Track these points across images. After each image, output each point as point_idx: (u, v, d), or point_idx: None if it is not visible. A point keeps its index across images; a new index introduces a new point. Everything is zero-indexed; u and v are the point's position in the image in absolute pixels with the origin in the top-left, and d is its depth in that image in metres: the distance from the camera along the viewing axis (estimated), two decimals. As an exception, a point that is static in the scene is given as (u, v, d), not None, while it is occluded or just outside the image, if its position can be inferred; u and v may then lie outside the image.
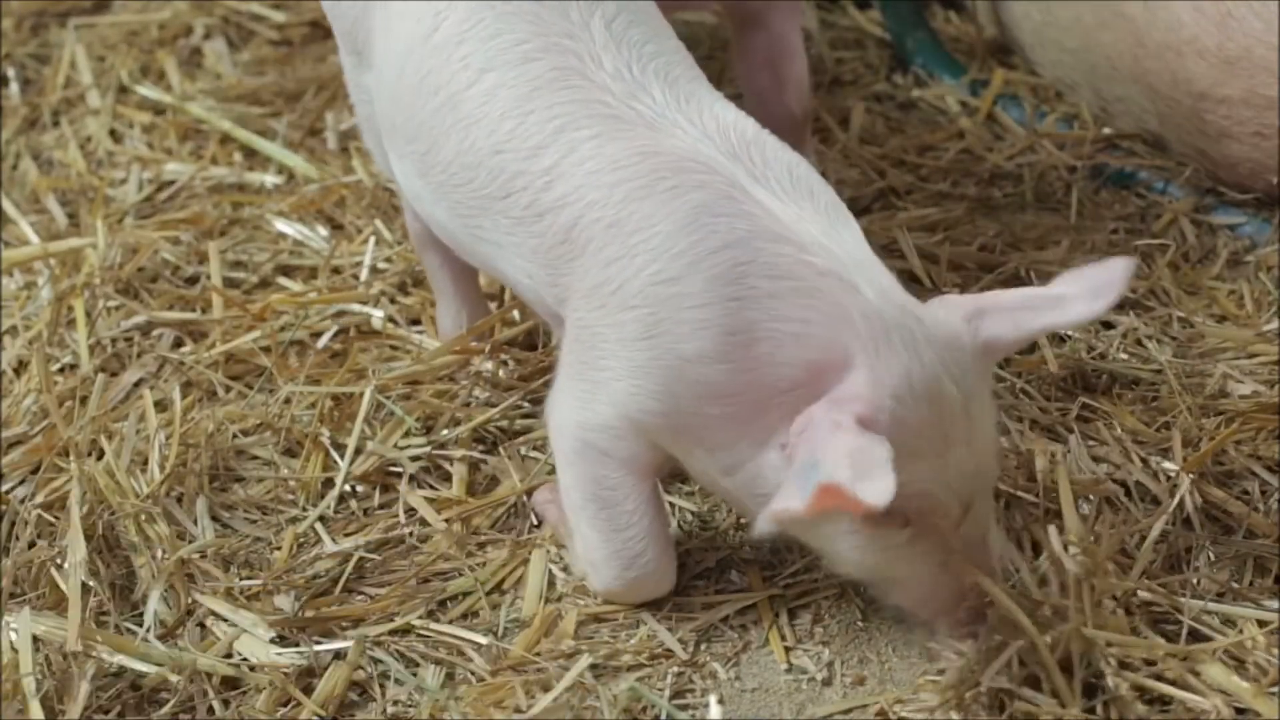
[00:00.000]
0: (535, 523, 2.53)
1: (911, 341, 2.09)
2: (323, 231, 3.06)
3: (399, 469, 2.61)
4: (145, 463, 2.58)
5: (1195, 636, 2.27)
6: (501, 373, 2.72)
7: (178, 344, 2.86)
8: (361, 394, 2.67)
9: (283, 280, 2.98)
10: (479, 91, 2.29)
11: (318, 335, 2.84)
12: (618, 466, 2.28)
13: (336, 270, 2.97)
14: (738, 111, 2.28)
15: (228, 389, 2.74)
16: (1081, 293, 2.12)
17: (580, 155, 2.22)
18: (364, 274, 2.95)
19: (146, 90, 3.44)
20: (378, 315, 2.87)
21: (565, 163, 2.23)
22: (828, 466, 1.98)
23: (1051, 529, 2.21)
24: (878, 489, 1.96)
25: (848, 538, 2.17)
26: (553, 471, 2.58)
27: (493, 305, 2.83)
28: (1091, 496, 2.45)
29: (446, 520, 2.53)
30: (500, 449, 2.63)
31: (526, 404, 2.68)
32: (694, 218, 2.16)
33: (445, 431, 2.64)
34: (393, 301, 2.90)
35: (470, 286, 2.78)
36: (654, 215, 2.17)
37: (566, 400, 2.29)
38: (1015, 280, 2.87)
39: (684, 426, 2.21)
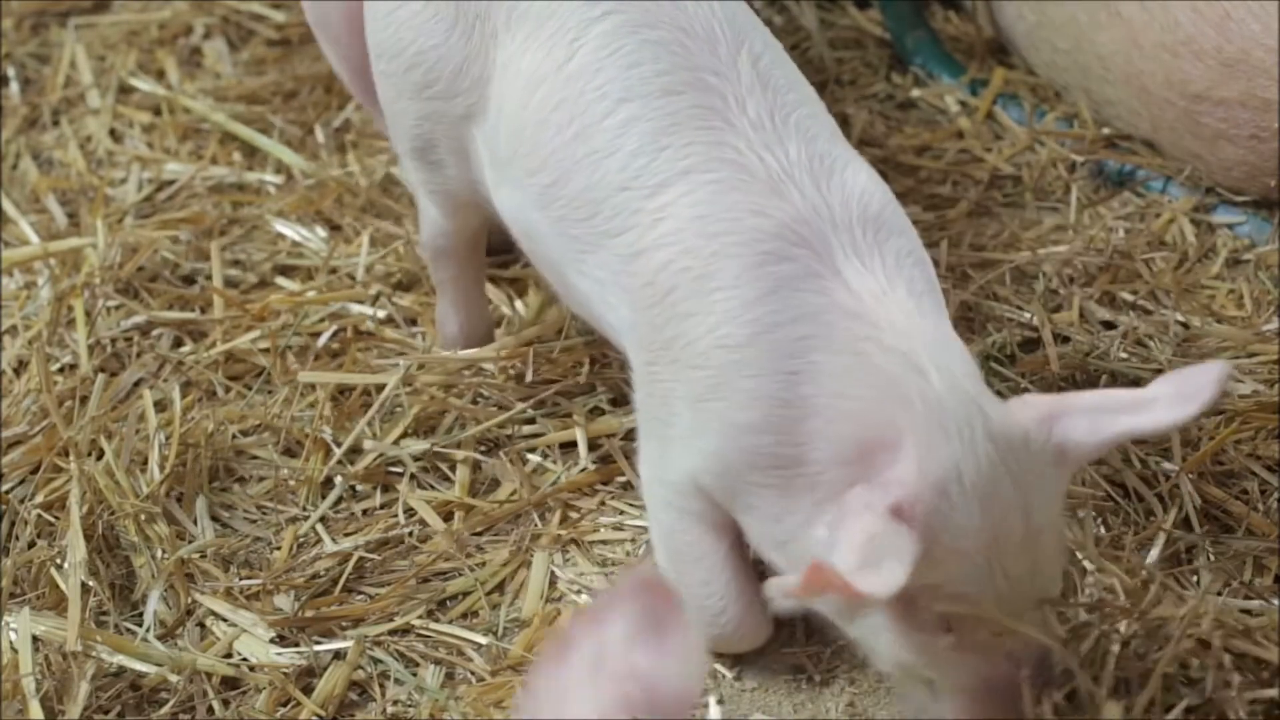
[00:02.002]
0: (538, 528, 2.53)
1: (970, 434, 1.96)
2: (321, 232, 3.06)
3: (399, 469, 2.61)
4: (145, 463, 2.58)
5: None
6: (507, 378, 2.72)
7: (177, 344, 2.86)
8: (368, 390, 2.68)
9: (281, 280, 2.97)
10: (614, 123, 2.20)
11: (316, 335, 2.84)
12: (694, 523, 2.23)
13: (334, 270, 2.97)
14: (871, 178, 2.18)
15: (227, 389, 2.74)
16: (1169, 397, 1.98)
17: (695, 199, 2.14)
18: (360, 273, 2.95)
19: (145, 85, 3.44)
20: (375, 315, 2.86)
21: (679, 203, 2.15)
22: (839, 549, 1.88)
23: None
24: (880, 580, 1.83)
25: (885, 635, 2.05)
26: (554, 476, 2.59)
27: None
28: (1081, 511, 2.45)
29: (448, 521, 2.53)
30: (501, 453, 2.63)
31: (530, 410, 2.69)
32: (773, 289, 2.08)
33: (450, 434, 2.64)
34: (391, 302, 2.90)
35: (478, 298, 2.77)
36: (738, 278, 2.10)
37: (646, 454, 2.25)
38: (1016, 280, 2.87)
39: (738, 494, 2.14)
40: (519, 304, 2.87)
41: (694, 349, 2.12)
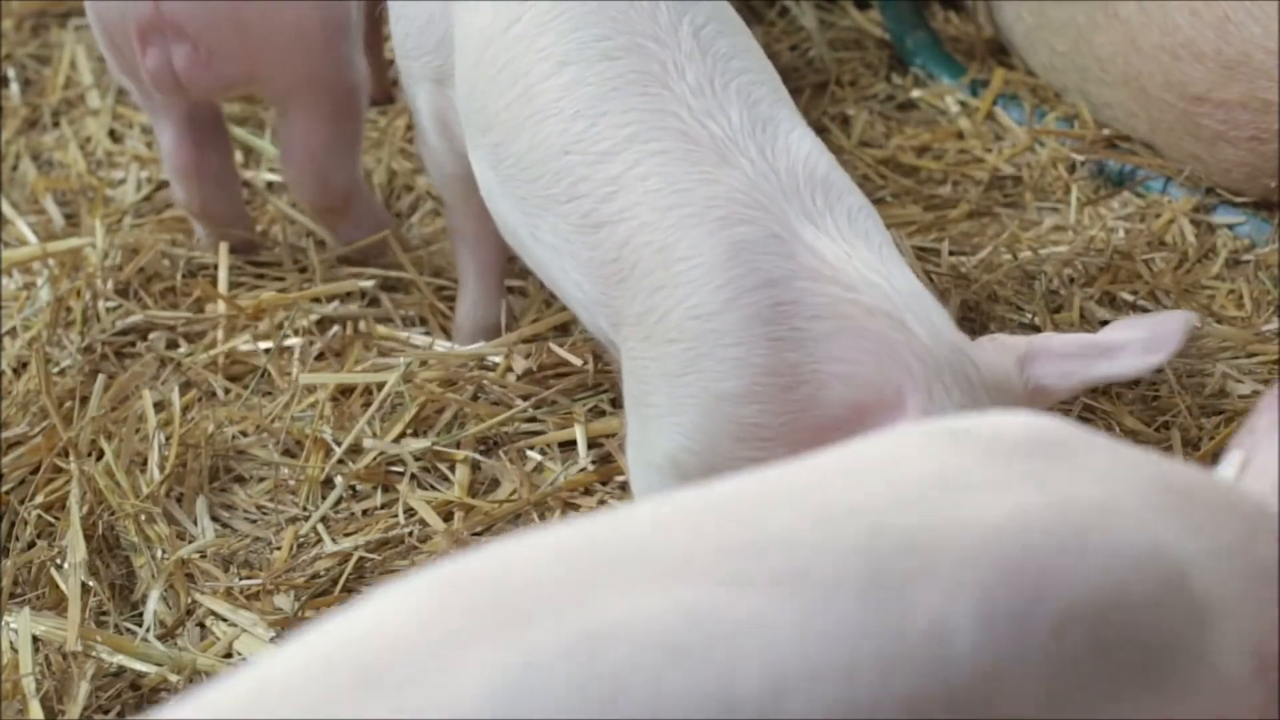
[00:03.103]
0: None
1: (967, 384, 2.01)
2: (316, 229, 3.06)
3: (399, 469, 2.61)
4: (145, 463, 2.58)
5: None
6: (511, 375, 2.72)
7: (176, 344, 2.85)
8: (369, 389, 2.68)
9: (279, 280, 2.97)
10: (556, 85, 2.23)
11: (314, 335, 2.84)
12: None
13: (333, 270, 2.97)
14: (815, 143, 2.20)
15: (227, 390, 2.74)
16: (1136, 343, 2.04)
17: (644, 170, 2.16)
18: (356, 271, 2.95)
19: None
20: (373, 315, 2.87)
21: (629, 175, 2.16)
22: None
23: None
24: None
25: None
26: (553, 476, 2.59)
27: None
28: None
29: (448, 521, 2.53)
30: (500, 452, 2.63)
31: (530, 408, 2.68)
32: (735, 253, 2.09)
33: (450, 433, 2.64)
34: (390, 302, 2.90)
35: (493, 286, 2.78)
36: (697, 245, 2.10)
37: (629, 437, 2.25)
38: (1015, 280, 2.87)
39: (720, 471, 2.13)
40: (521, 301, 2.87)
41: (666, 323, 2.13)
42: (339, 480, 2.59)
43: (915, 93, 3.42)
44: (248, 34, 2.72)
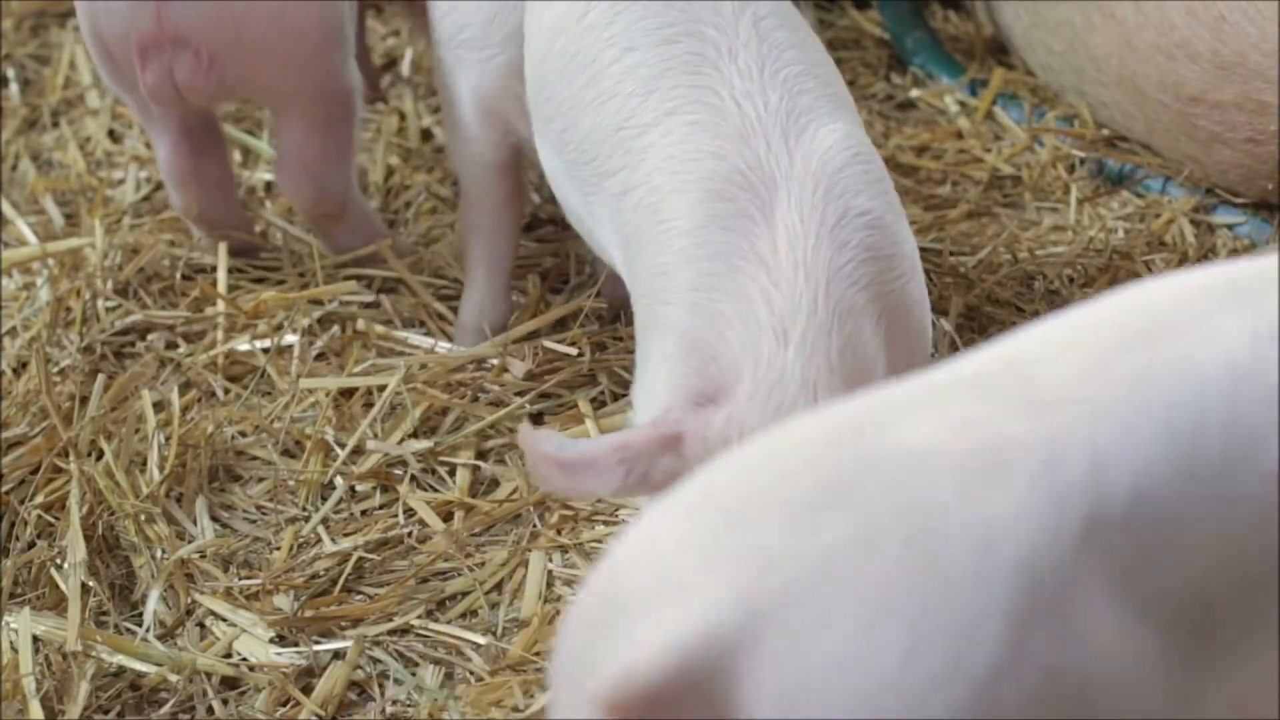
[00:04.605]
0: (537, 528, 2.53)
1: (786, 416, 2.01)
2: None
3: (399, 470, 2.61)
4: (145, 463, 2.58)
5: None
6: (508, 376, 2.73)
7: (175, 345, 2.85)
8: (370, 390, 2.68)
9: (280, 283, 2.97)
10: (619, 69, 2.32)
11: (313, 335, 2.84)
12: None
13: (332, 271, 2.97)
14: (847, 138, 2.23)
15: (227, 390, 2.74)
16: None
17: (671, 139, 2.24)
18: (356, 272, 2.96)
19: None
20: (370, 316, 2.87)
21: (660, 143, 2.26)
22: (599, 440, 2.04)
23: None
24: (580, 486, 2.01)
25: None
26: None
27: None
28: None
29: (448, 521, 2.53)
30: (506, 456, 2.63)
31: (529, 405, 2.69)
32: (704, 224, 2.17)
33: (450, 433, 2.64)
34: (387, 302, 2.90)
35: (501, 283, 2.81)
36: (678, 210, 2.20)
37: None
38: (1015, 281, 2.87)
39: None
40: (520, 298, 2.87)
41: (640, 278, 2.23)
42: (339, 481, 2.59)
43: (914, 92, 3.42)
44: (249, 41, 2.72)
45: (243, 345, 2.80)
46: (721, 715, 1.34)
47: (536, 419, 2.67)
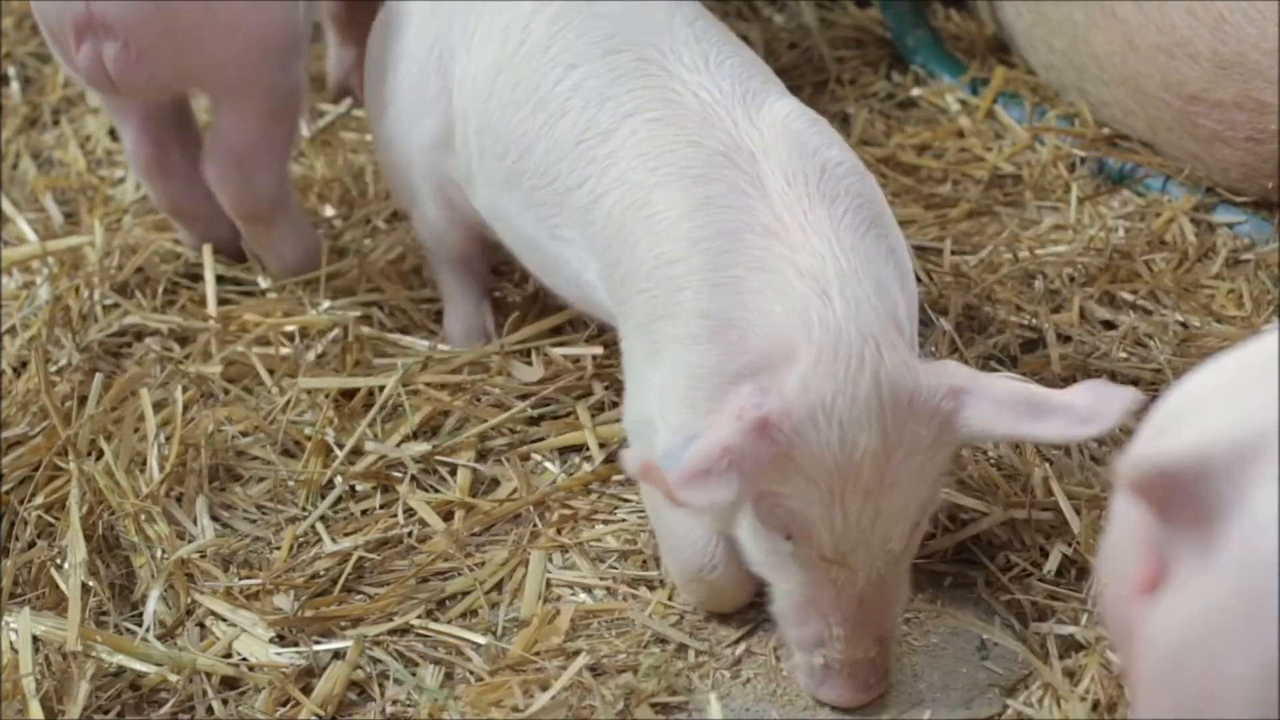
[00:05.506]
0: (537, 528, 2.53)
1: (857, 369, 2.04)
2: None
3: (399, 471, 2.61)
4: (145, 463, 2.58)
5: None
6: (510, 379, 2.72)
7: (175, 345, 2.85)
8: (370, 390, 2.68)
9: (264, 291, 2.97)
10: (566, 86, 2.38)
11: (309, 338, 2.83)
12: None
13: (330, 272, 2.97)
14: (798, 106, 2.31)
15: (226, 390, 2.74)
16: (1074, 411, 2.03)
17: (638, 138, 2.30)
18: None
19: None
20: (369, 317, 2.87)
21: (626, 145, 2.30)
22: (692, 452, 1.99)
23: None
24: (702, 496, 1.98)
25: (745, 524, 2.16)
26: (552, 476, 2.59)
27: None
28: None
29: (448, 521, 2.53)
30: (504, 457, 2.63)
31: (529, 409, 2.69)
32: (700, 206, 2.21)
33: (451, 435, 2.64)
34: (384, 307, 2.90)
35: (481, 296, 2.82)
36: (669, 198, 2.23)
37: (625, 401, 2.35)
38: (1016, 280, 2.87)
39: (692, 422, 2.17)
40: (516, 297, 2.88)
41: (638, 273, 2.24)
42: (339, 481, 2.59)
43: (915, 91, 3.42)
44: (177, 37, 2.67)
45: (240, 347, 2.80)
46: (1214, 520, 1.56)
47: (534, 423, 2.67)
